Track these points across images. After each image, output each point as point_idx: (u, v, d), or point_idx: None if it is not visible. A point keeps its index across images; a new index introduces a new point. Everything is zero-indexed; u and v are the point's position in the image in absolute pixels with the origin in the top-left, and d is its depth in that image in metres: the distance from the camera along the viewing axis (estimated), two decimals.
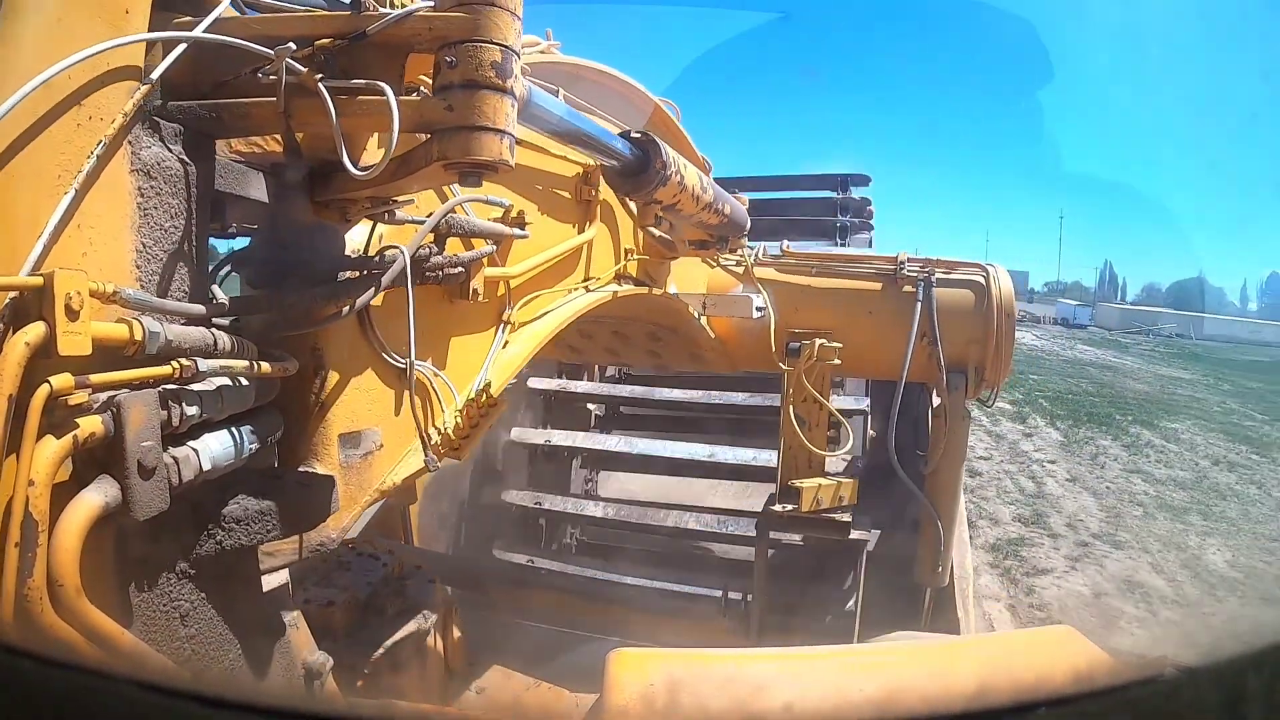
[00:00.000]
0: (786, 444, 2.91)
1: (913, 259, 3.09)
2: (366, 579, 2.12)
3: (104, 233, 0.91)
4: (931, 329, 2.92)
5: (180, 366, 0.93)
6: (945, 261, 3.11)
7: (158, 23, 0.96)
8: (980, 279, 3.02)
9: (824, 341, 2.83)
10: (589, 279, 2.10)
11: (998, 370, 2.95)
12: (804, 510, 2.75)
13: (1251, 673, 0.61)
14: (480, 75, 1.02)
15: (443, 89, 1.04)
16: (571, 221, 2.03)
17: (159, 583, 1.01)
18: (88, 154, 0.88)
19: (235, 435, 1.05)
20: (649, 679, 1.42)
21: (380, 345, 1.36)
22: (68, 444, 0.82)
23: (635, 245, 2.37)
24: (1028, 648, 1.61)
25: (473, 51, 1.01)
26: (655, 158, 1.74)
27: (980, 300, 2.96)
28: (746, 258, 3.02)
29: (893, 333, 2.95)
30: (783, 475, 2.94)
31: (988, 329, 2.92)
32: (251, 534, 1.09)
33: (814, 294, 3.07)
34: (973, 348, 2.95)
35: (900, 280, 3.03)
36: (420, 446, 1.41)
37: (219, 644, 1.12)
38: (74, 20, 0.88)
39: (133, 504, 0.87)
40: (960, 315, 2.96)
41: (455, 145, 1.04)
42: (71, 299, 0.80)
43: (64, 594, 0.81)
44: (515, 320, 1.75)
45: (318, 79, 1.00)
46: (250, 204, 1.21)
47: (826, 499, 2.80)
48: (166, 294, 1.01)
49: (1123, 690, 0.61)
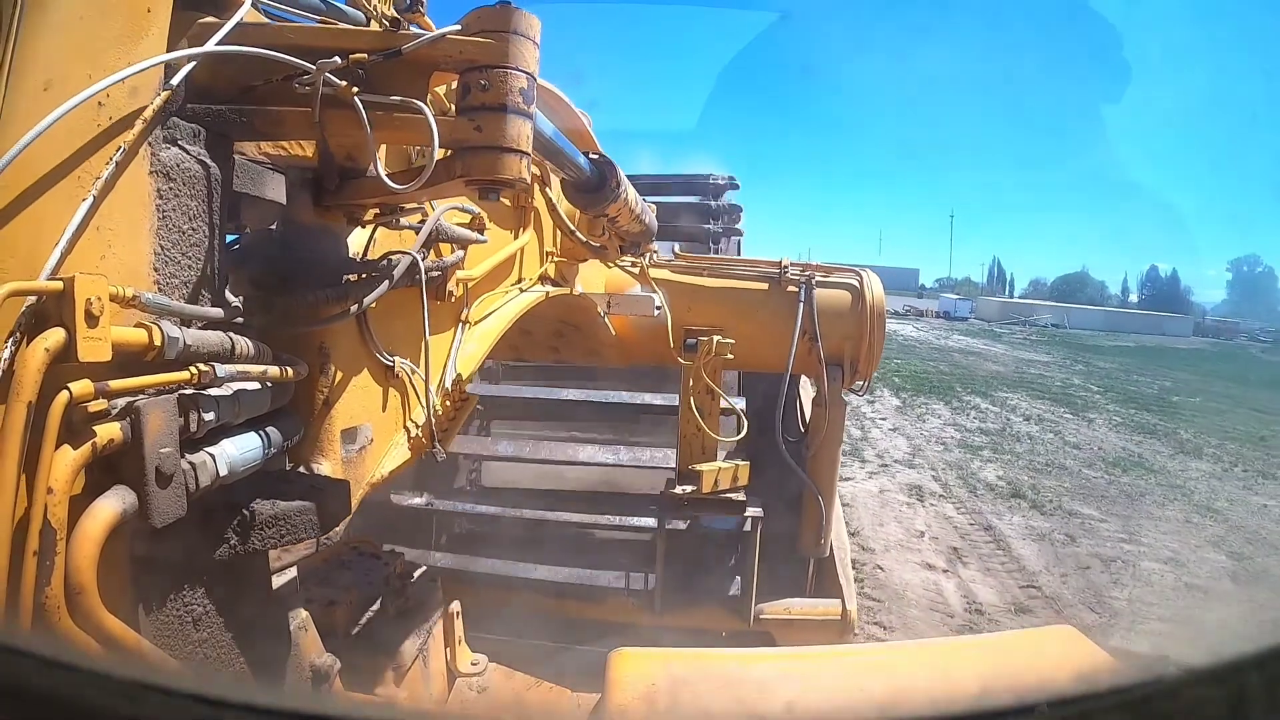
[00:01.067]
0: (684, 432, 3.13)
1: (794, 263, 3.40)
2: (368, 579, 2.12)
3: (123, 236, 0.90)
4: (812, 326, 3.22)
5: (199, 372, 0.92)
6: (823, 266, 3.45)
7: (179, 22, 0.95)
8: (855, 282, 3.34)
9: (720, 337, 3.05)
10: (521, 280, 2.26)
11: (870, 363, 3.28)
12: (704, 491, 2.96)
13: (1254, 672, 0.61)
14: (511, 100, 1.08)
15: (472, 110, 1.08)
16: (509, 227, 2.17)
17: (173, 588, 1.01)
18: (108, 157, 0.87)
19: (253, 440, 1.05)
20: (650, 679, 1.43)
21: (375, 344, 1.42)
22: (87, 451, 0.81)
23: (555, 249, 2.54)
24: (1029, 648, 1.62)
25: (504, 78, 1.07)
26: (611, 177, 1.90)
27: (855, 301, 3.29)
28: (642, 260, 3.20)
29: (778, 330, 3.23)
30: (681, 461, 3.13)
31: (861, 327, 3.24)
32: (266, 539, 1.09)
33: (706, 294, 3.31)
34: (848, 343, 3.25)
35: (784, 282, 3.32)
36: (403, 439, 1.48)
37: (230, 647, 1.12)
38: (94, 18, 0.87)
39: (150, 511, 0.86)
40: (837, 314, 3.27)
41: (481, 164, 1.09)
42: (92, 304, 0.79)
43: (82, 601, 0.81)
44: (471, 319, 1.87)
45: (354, 92, 1.03)
46: (264, 205, 1.21)
47: (725, 481, 3.02)
48: (184, 297, 1.00)
49: (1124, 690, 0.62)
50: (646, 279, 3.21)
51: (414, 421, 1.57)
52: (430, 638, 2.14)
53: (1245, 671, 0.61)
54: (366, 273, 1.31)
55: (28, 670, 0.67)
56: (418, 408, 1.57)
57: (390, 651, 1.96)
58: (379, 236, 1.44)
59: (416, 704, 1.98)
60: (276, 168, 1.22)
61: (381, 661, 1.94)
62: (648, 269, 3.22)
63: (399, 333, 1.47)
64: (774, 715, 1.31)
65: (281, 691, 1.32)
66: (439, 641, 2.21)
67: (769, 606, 3.10)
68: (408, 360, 1.54)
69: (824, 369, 3.22)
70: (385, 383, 1.48)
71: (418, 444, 1.51)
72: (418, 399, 1.57)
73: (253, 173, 1.16)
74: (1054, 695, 0.60)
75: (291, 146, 1.23)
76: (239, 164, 1.13)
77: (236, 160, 1.12)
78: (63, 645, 0.81)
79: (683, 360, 3.08)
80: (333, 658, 1.45)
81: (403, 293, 1.42)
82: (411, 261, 1.37)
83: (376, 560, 2.22)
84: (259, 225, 1.25)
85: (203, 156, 1.01)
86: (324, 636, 1.69)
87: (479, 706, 2.19)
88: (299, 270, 1.22)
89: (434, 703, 2.10)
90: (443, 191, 1.18)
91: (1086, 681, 0.65)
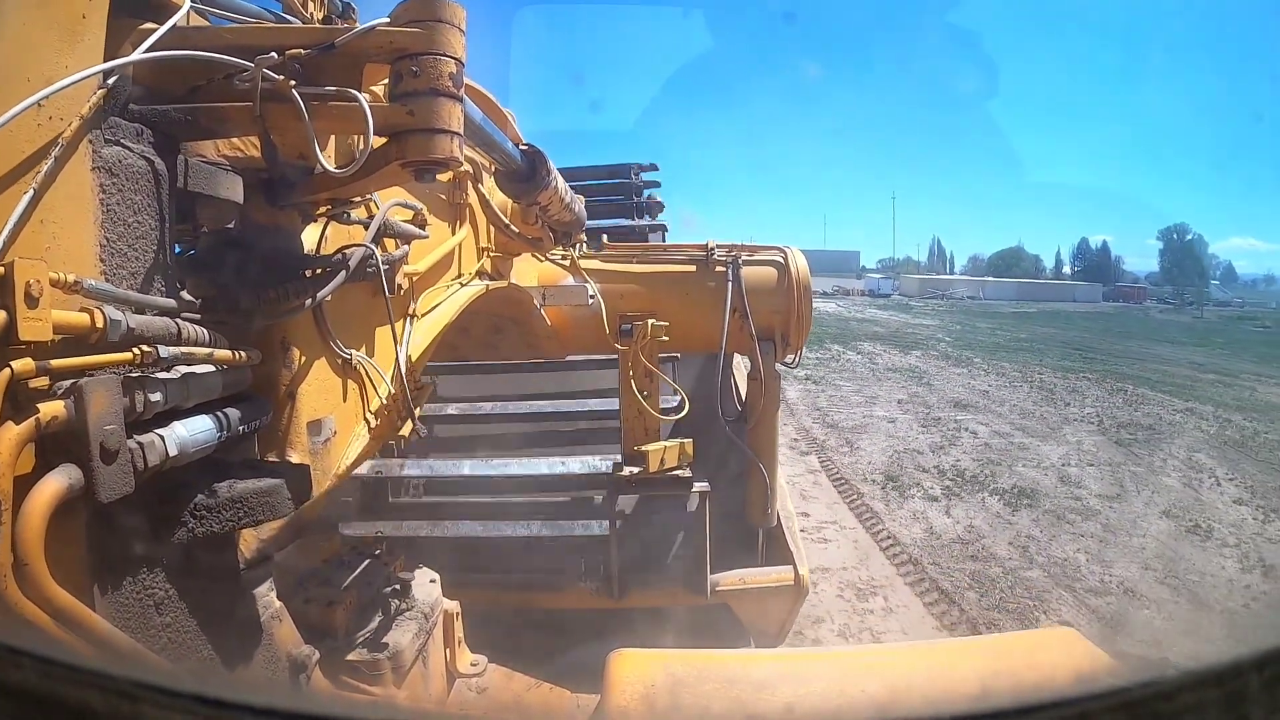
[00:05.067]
0: (626, 415, 3.18)
1: (720, 245, 3.48)
2: (367, 578, 2.14)
3: (67, 228, 0.95)
4: (742, 304, 3.30)
5: (141, 353, 0.96)
6: (748, 246, 3.52)
7: (115, 29, 1.01)
8: (780, 259, 3.43)
9: (654, 321, 3.11)
10: (460, 275, 2.30)
11: (800, 335, 3.39)
12: (651, 471, 3.02)
13: (1253, 674, 0.60)
14: (440, 84, 1.14)
15: (404, 96, 1.14)
16: (447, 222, 2.22)
17: (131, 570, 1.04)
18: (48, 153, 0.92)
19: (205, 422, 1.08)
20: (650, 679, 1.42)
21: (331, 337, 1.47)
22: (30, 427, 0.85)
23: (489, 244, 2.58)
24: (1029, 648, 1.60)
25: (434, 64, 1.13)
26: (541, 166, 1.96)
27: (781, 277, 3.38)
28: (572, 251, 3.26)
29: (709, 310, 3.32)
30: (626, 443, 3.20)
31: (789, 301, 3.35)
32: (225, 521, 1.11)
33: (637, 280, 3.39)
34: (777, 318, 3.35)
35: (712, 264, 3.40)
36: (364, 430, 1.52)
37: (195, 634, 1.14)
38: (33, 25, 0.93)
39: (96, 486, 0.90)
40: (765, 291, 3.36)
41: (414, 146, 1.15)
42: (31, 286, 0.84)
43: (30, 574, 0.84)
44: (417, 313, 1.92)
45: (291, 85, 1.08)
46: (222, 205, 1.26)
47: (670, 459, 3.09)
48: (133, 287, 1.04)
49: (1123, 691, 0.60)
50: (578, 270, 3.27)
51: (373, 413, 1.61)
52: (430, 638, 2.15)
53: (1245, 673, 0.60)
54: (322, 267, 1.36)
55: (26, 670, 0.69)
56: (375, 399, 1.61)
57: (390, 652, 1.98)
58: (330, 234, 1.49)
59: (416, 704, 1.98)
60: (234, 169, 1.27)
61: (381, 662, 1.96)
62: (578, 260, 3.30)
63: (352, 328, 1.53)
64: (773, 716, 1.30)
65: (280, 692, 1.34)
66: (439, 642, 2.22)
67: (724, 578, 3.12)
68: (362, 353, 1.59)
69: (756, 344, 3.30)
70: (344, 375, 1.52)
71: (378, 432, 1.55)
72: (375, 391, 1.61)
73: (209, 173, 1.22)
74: (1053, 696, 0.60)
75: (247, 147, 1.29)
76: (195, 165, 1.18)
77: (192, 162, 1.18)
78: (11, 617, 0.84)
79: (619, 346, 3.13)
80: (311, 649, 1.47)
81: (354, 289, 1.47)
82: (367, 254, 1.42)
83: (376, 560, 2.24)
84: (217, 224, 1.30)
85: (148, 154, 1.06)
86: (323, 636, 1.72)
87: (478, 707, 2.18)
88: (257, 266, 1.27)
89: (434, 703, 2.10)
90: (383, 178, 1.23)
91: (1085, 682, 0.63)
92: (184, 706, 0.65)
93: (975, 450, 10.79)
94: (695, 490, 3.10)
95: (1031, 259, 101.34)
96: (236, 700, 0.69)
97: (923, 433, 11.83)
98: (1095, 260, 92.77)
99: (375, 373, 1.62)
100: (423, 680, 2.11)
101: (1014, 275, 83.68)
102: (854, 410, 13.41)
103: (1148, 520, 8.14)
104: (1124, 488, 9.30)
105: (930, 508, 8.35)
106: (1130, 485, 9.40)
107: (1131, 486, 9.35)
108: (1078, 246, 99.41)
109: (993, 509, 8.31)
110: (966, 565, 6.83)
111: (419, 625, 2.11)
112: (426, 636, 2.13)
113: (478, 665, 2.28)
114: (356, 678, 1.87)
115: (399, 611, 2.13)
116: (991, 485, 9.15)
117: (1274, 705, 0.60)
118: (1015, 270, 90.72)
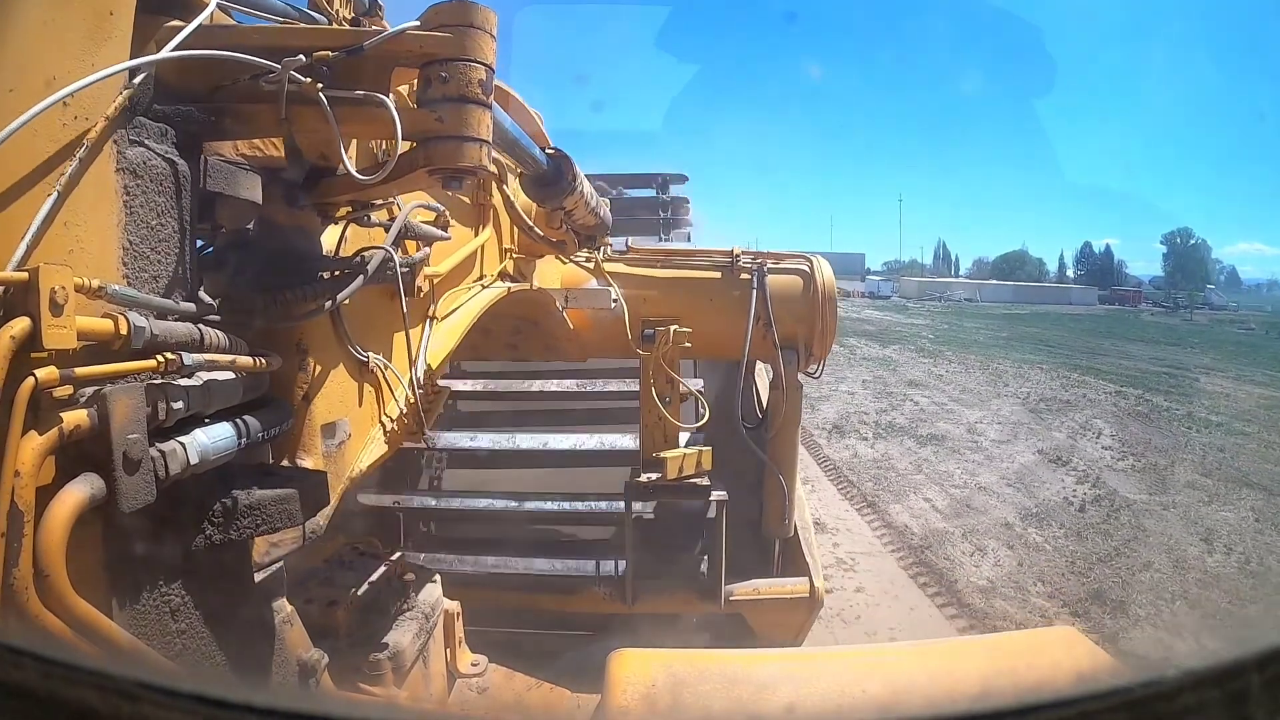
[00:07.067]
0: (646, 421, 3.18)
1: (745, 251, 3.46)
2: (369, 579, 2.13)
3: (91, 231, 0.93)
4: (766, 312, 3.29)
5: (165, 360, 0.94)
6: (774, 254, 3.51)
7: (143, 25, 0.99)
8: (805, 268, 3.42)
9: (677, 327, 3.11)
10: (482, 277, 2.28)
11: (823, 345, 3.36)
12: (669, 478, 3.00)
13: (1254, 674, 0.60)
14: (469, 91, 1.12)
15: (432, 102, 1.11)
16: (469, 224, 2.20)
17: (150, 578, 1.03)
18: (73, 154, 0.90)
19: (226, 429, 1.07)
20: (651, 679, 1.43)
21: (349, 340, 1.45)
22: (53, 436, 0.83)
23: (513, 245, 2.56)
24: (1030, 648, 1.61)
25: (464, 70, 1.11)
26: (568, 170, 1.96)
27: (807, 286, 3.37)
28: (596, 254, 3.24)
29: (733, 317, 3.29)
30: (644, 449, 3.18)
31: (813, 311, 3.33)
32: (243, 529, 1.10)
33: (661, 285, 3.37)
34: (801, 327, 3.33)
35: (736, 270, 3.38)
36: (379, 434, 1.51)
37: (210, 640, 1.13)
38: (60, 22, 0.90)
39: (119, 496, 0.88)
40: (790, 300, 3.34)
41: (443, 153, 1.13)
42: (56, 293, 0.82)
43: (50, 584, 0.83)
44: (438, 315, 1.90)
45: (318, 88, 1.06)
46: (241, 205, 1.24)
47: (689, 467, 3.07)
48: (155, 291, 1.02)
49: (1124, 691, 0.61)
50: (602, 273, 3.26)
51: (389, 416, 1.59)
52: (430, 638, 2.15)
53: (1246, 673, 0.60)
54: (340, 269, 1.34)
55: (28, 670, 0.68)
56: (392, 402, 1.60)
57: (391, 651, 1.97)
58: (349, 235, 1.47)
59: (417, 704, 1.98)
60: (253, 168, 1.25)
61: (382, 662, 1.95)
62: (602, 263, 3.28)
63: (369, 330, 1.51)
64: (774, 716, 1.31)
65: (281, 692, 1.33)
66: (439, 642, 2.21)
67: (738, 588, 3.12)
68: (380, 355, 1.57)
69: (779, 353, 3.29)
70: (360, 378, 1.50)
71: (394, 437, 1.53)
72: (391, 394, 1.59)
73: (229, 173, 1.19)
74: (1054, 696, 0.60)
75: (267, 147, 1.27)
76: (215, 165, 1.16)
77: (212, 161, 1.15)
78: (32, 628, 0.83)
79: (641, 351, 3.12)
80: (320, 653, 1.46)
81: (372, 290, 1.45)
82: (385, 256, 1.40)
83: (377, 560, 2.23)
84: (236, 225, 1.28)
85: (170, 155, 1.04)
86: (324, 636, 1.71)
87: (479, 707, 2.19)
88: (275, 268, 1.25)
89: (435, 703, 2.10)
90: (408, 183, 1.21)
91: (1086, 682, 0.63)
92: (185, 707, 0.64)
93: (911, 413, 13.22)
94: (713, 499, 3.08)
95: (1035, 262, 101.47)
96: (237, 700, 0.69)
97: (873, 402, 14.23)
98: (1098, 264, 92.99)
99: (393, 376, 1.61)
100: (423, 680, 2.10)
101: (1017, 278, 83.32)
102: (820, 386, 14.44)
103: (1023, 456, 10.49)
104: (1016, 437, 11.62)
105: (860, 444, 11.09)
106: (1023, 436, 11.65)
107: (1023, 437, 11.63)
108: (1081, 250, 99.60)
109: (907, 445, 11.03)
110: (871, 470, 9.67)
111: (420, 625, 2.11)
112: (427, 636, 2.13)
113: (478, 665, 2.28)
114: (357, 678, 1.86)
115: (400, 611, 2.12)
116: (913, 433, 11.77)
117: (1275, 705, 0.60)
118: (1019, 273, 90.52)
